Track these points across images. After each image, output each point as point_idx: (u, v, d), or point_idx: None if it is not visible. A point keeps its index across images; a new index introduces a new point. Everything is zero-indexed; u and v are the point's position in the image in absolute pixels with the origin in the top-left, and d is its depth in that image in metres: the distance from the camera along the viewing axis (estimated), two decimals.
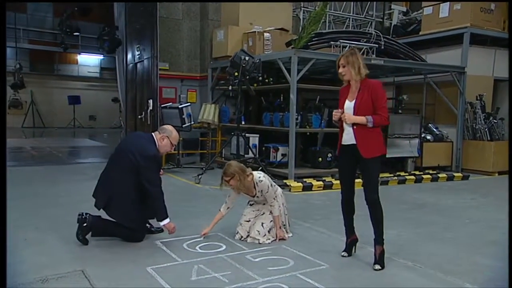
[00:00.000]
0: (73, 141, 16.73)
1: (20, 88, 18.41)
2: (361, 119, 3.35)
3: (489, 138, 8.92)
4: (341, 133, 3.53)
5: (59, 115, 22.14)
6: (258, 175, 4.02)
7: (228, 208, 4.09)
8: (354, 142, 3.41)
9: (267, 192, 4.00)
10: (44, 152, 11.80)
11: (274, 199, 4.04)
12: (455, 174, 8.29)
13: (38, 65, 22.12)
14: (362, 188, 3.47)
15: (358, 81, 3.41)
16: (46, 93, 22.08)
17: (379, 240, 3.45)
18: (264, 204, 4.16)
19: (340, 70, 3.43)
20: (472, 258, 3.76)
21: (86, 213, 3.79)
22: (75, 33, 14.89)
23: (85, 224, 3.75)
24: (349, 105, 3.45)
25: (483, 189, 7.36)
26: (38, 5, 20.49)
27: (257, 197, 4.06)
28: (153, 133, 4.04)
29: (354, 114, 3.38)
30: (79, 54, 22.42)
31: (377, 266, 3.40)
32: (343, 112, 3.44)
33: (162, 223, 3.88)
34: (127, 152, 3.84)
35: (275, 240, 4.03)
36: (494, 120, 9.08)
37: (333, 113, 3.53)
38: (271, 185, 4.07)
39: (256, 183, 3.97)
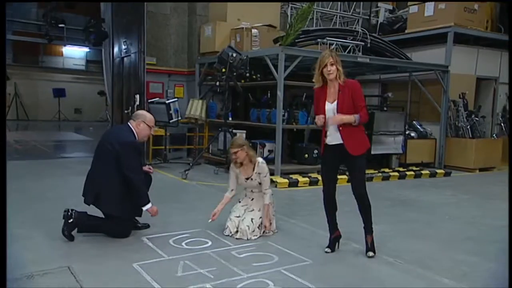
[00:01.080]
0: (58, 134, 16.53)
1: None
2: (348, 118, 3.38)
3: (471, 136, 9.11)
4: (324, 133, 3.58)
5: (44, 108, 21.77)
6: (260, 158, 4.23)
7: (232, 190, 4.26)
8: (340, 142, 3.47)
9: (265, 176, 4.14)
10: (28, 146, 11.64)
11: (269, 187, 4.17)
12: (438, 171, 8.47)
13: (22, 57, 21.66)
14: (350, 183, 3.57)
15: (337, 81, 3.44)
16: (30, 85, 21.65)
17: (368, 229, 3.57)
18: (252, 199, 4.24)
19: (329, 68, 3.38)
20: (450, 254, 3.88)
21: (72, 209, 3.79)
22: (60, 25, 14.62)
23: (70, 220, 3.75)
24: (330, 106, 3.48)
25: (464, 186, 7.53)
26: None
27: (251, 179, 4.14)
28: (128, 123, 4.07)
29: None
30: (64, 46, 22.01)
31: (371, 253, 3.52)
32: (325, 117, 3.48)
33: (145, 208, 3.92)
34: (106, 144, 3.91)
35: (261, 235, 4.09)
36: (476, 118, 9.29)
37: (317, 118, 3.51)
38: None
39: (257, 164, 4.12)
